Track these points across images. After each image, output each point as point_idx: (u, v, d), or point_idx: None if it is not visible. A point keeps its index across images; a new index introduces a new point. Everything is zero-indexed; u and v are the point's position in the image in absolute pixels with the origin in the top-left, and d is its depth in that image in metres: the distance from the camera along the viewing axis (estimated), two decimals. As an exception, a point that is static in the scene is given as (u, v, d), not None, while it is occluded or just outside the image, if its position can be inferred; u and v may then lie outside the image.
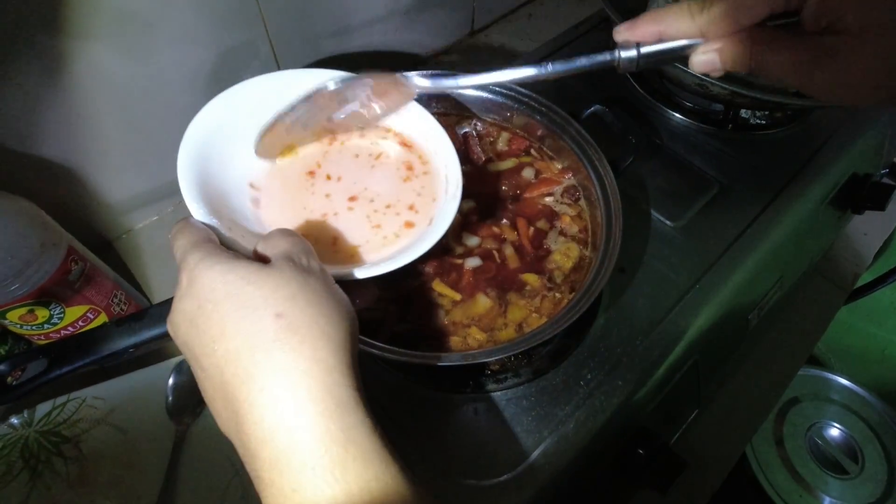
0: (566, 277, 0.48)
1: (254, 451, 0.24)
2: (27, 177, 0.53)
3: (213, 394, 0.26)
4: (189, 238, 0.29)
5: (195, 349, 0.26)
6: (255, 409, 0.24)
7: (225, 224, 0.34)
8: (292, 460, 0.23)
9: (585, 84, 0.70)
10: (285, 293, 0.26)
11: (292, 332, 0.25)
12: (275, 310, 0.25)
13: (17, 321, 0.46)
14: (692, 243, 0.57)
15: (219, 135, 0.39)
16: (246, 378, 0.24)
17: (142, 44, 0.53)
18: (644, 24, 0.33)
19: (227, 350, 0.25)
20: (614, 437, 0.48)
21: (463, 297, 0.46)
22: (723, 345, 0.59)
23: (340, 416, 0.24)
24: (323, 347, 0.25)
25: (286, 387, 0.24)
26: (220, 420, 0.26)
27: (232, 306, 0.25)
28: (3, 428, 0.51)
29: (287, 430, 0.23)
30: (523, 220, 0.50)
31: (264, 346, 0.24)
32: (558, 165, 0.54)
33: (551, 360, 0.48)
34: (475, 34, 0.92)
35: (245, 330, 0.25)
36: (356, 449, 0.24)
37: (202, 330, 0.25)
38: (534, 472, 0.44)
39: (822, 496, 0.95)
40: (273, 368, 0.24)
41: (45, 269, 0.44)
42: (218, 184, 0.38)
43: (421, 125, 0.44)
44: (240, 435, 0.24)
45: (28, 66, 0.47)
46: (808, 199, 0.62)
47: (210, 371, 0.25)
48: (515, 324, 0.45)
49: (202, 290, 0.26)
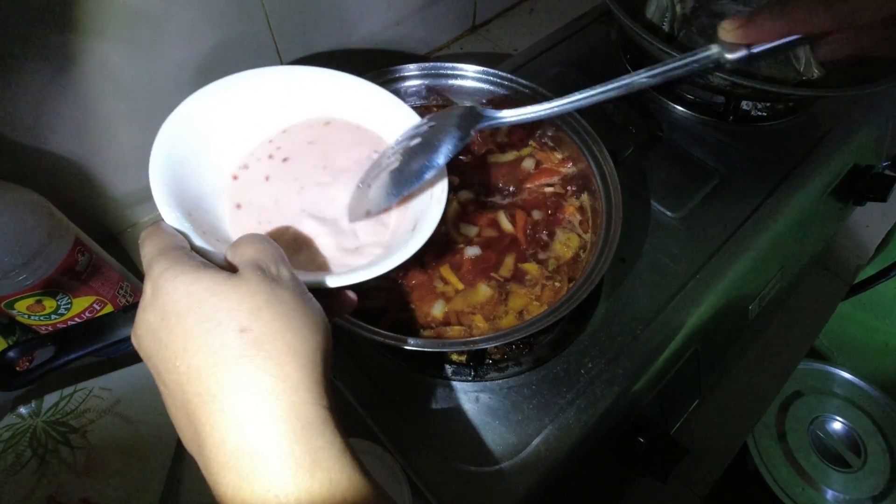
0: (566, 267, 0.48)
1: (216, 475, 0.23)
2: (36, 170, 0.54)
3: (176, 412, 0.25)
4: (157, 245, 0.28)
5: (158, 364, 0.25)
6: (217, 431, 0.23)
7: (199, 229, 0.32)
8: (255, 486, 0.22)
9: (586, 75, 0.70)
10: (250, 306, 0.25)
11: (257, 347, 0.24)
12: (239, 324, 0.24)
13: (26, 311, 0.47)
14: (693, 234, 0.57)
15: (195, 134, 0.38)
16: (208, 398, 0.23)
17: (149, 41, 0.53)
18: (763, 22, 0.30)
19: (188, 367, 0.24)
20: (615, 425, 0.48)
21: (464, 285, 0.47)
22: (723, 335, 0.59)
23: (307, 438, 0.23)
24: (289, 363, 0.24)
25: (249, 407, 0.23)
26: (184, 439, 0.25)
27: (195, 320, 0.24)
28: (12, 418, 0.52)
29: (249, 453, 0.22)
30: (521, 212, 0.51)
31: (227, 363, 0.23)
32: (558, 155, 0.54)
33: (552, 348, 0.49)
34: (476, 29, 0.92)
35: (208, 345, 0.24)
36: (323, 474, 0.22)
37: (164, 344, 0.24)
38: (534, 460, 0.44)
39: (824, 489, 0.95)
40: (235, 388, 0.23)
41: (53, 260, 0.45)
42: (193, 185, 0.36)
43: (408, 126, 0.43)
44: (202, 457, 0.23)
45: (40, 64, 0.48)
46: (809, 190, 0.62)
47: (172, 388, 0.24)
48: (516, 312, 0.46)
49: (166, 301, 0.25)
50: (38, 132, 0.52)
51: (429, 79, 0.54)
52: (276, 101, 0.42)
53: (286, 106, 0.43)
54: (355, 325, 0.41)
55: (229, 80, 0.40)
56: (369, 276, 0.33)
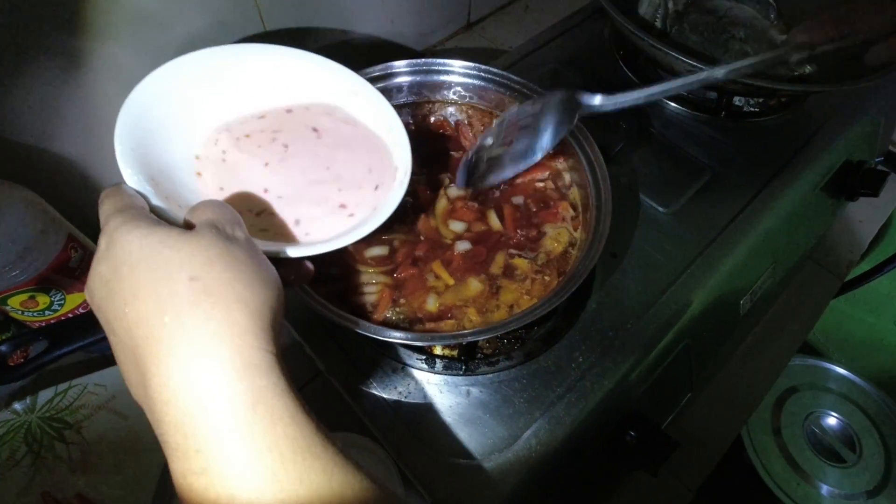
0: (555, 262, 0.48)
1: (159, 414, 0.23)
2: (31, 167, 0.54)
3: (124, 359, 0.25)
4: (115, 203, 0.29)
5: (108, 313, 0.25)
6: (161, 371, 0.23)
7: (161, 194, 0.33)
8: (197, 421, 0.22)
9: (579, 72, 0.70)
10: (202, 258, 0.25)
11: (206, 294, 0.24)
12: (189, 273, 0.25)
13: (19, 307, 0.47)
14: (684, 229, 0.57)
15: (166, 103, 0.38)
16: (154, 340, 0.23)
17: (155, 41, 0.54)
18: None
19: (137, 312, 0.24)
20: (605, 418, 0.48)
21: (455, 280, 0.47)
22: (715, 329, 0.59)
23: (250, 376, 0.23)
24: (237, 311, 0.25)
25: (194, 348, 0.23)
26: (131, 386, 0.25)
27: (146, 269, 0.25)
28: (7, 414, 0.52)
29: (192, 390, 0.23)
30: (509, 207, 0.51)
31: (175, 308, 0.24)
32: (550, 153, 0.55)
33: (543, 343, 0.49)
34: (471, 26, 0.92)
35: (157, 292, 0.24)
36: (264, 409, 0.23)
37: (115, 292, 0.25)
38: (525, 453, 0.44)
39: (819, 485, 0.95)
40: (181, 330, 0.23)
41: (46, 256, 0.45)
42: (160, 154, 0.37)
43: (380, 112, 0.44)
44: (147, 399, 0.24)
45: (46, 63, 0.48)
46: (801, 185, 0.63)
47: (121, 335, 0.25)
48: (507, 306, 0.46)
49: (119, 253, 0.25)
50: (40, 131, 0.52)
51: (420, 75, 0.55)
52: (251, 79, 0.43)
53: (262, 85, 0.43)
54: (346, 319, 0.41)
55: (211, 52, 0.41)
56: (323, 250, 0.35)
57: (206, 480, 0.22)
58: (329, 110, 0.44)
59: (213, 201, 0.30)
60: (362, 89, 0.45)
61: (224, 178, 0.39)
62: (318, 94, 0.44)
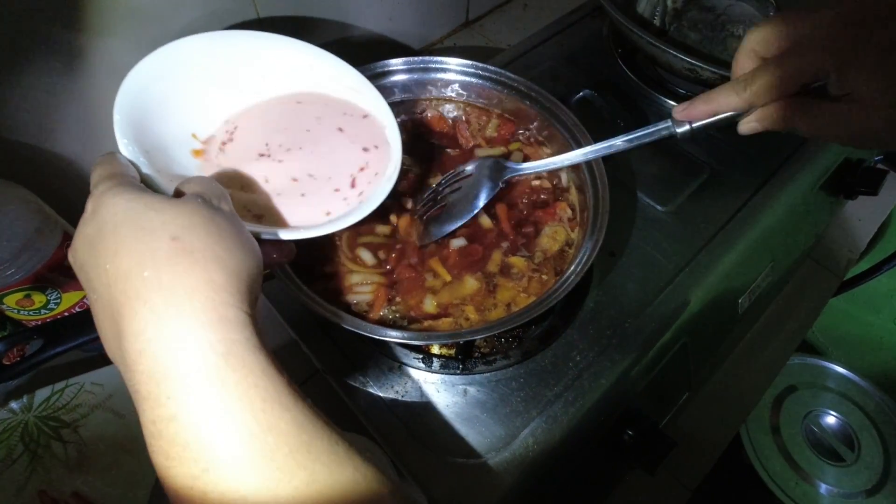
0: (552, 260, 0.48)
1: (132, 364, 0.23)
2: (27, 166, 0.54)
3: (102, 315, 0.26)
4: (106, 169, 0.30)
5: (90, 271, 0.26)
6: (137, 322, 0.24)
7: (154, 166, 0.34)
8: (169, 370, 0.23)
9: (577, 70, 0.70)
10: (186, 221, 0.26)
11: (185, 253, 0.25)
12: (171, 233, 0.25)
13: (15, 306, 0.47)
14: (682, 228, 0.57)
15: (170, 80, 0.40)
16: (133, 294, 0.24)
17: (154, 39, 0.53)
18: (698, 106, 0.39)
19: (117, 269, 0.25)
20: (603, 417, 0.48)
21: (452, 277, 0.47)
22: (713, 328, 0.59)
23: (223, 329, 0.24)
24: (215, 270, 0.25)
25: (169, 301, 0.24)
26: (107, 343, 0.26)
27: (130, 229, 0.25)
28: (3, 413, 0.52)
29: (165, 340, 0.23)
30: (503, 206, 0.51)
31: (154, 264, 0.24)
32: (547, 150, 0.54)
33: (541, 341, 0.49)
34: (470, 24, 0.92)
35: (138, 250, 0.25)
36: (236, 360, 0.24)
37: (98, 251, 0.26)
38: (523, 452, 0.44)
39: (818, 483, 0.95)
40: (159, 284, 0.24)
41: (41, 255, 0.45)
42: (157, 128, 0.38)
43: (378, 109, 0.45)
44: (121, 352, 0.24)
45: (48, 62, 0.48)
46: (800, 183, 0.62)
47: (100, 291, 0.25)
48: (504, 304, 0.46)
49: (105, 214, 0.26)
50: (37, 129, 0.52)
51: (417, 73, 0.54)
52: (256, 66, 0.44)
53: (266, 73, 0.45)
54: (342, 318, 0.41)
55: (216, 35, 0.43)
56: (309, 235, 0.36)
57: (175, 426, 0.23)
58: (330, 103, 0.45)
59: (203, 177, 0.32)
60: (362, 87, 0.46)
61: (221, 159, 0.41)
62: (320, 86, 0.46)
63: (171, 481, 0.23)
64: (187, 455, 0.22)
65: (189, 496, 0.22)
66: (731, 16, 0.70)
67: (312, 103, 0.45)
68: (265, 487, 0.22)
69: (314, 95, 0.45)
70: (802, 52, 0.35)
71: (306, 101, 0.45)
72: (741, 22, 0.69)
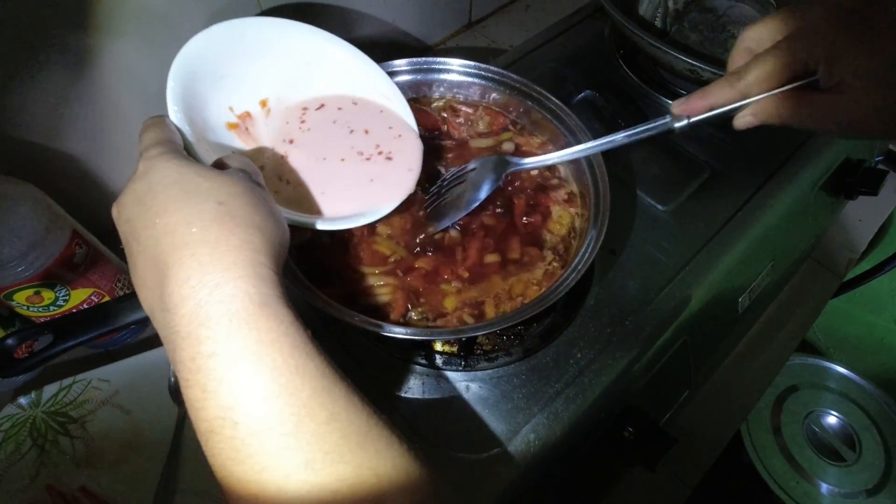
0: (562, 246, 0.49)
1: (175, 307, 0.26)
2: (37, 165, 0.55)
3: (144, 265, 0.28)
4: (158, 135, 0.33)
5: (137, 224, 0.28)
6: (183, 271, 0.26)
7: (195, 135, 0.37)
8: (210, 312, 0.25)
9: (579, 70, 0.70)
10: (230, 189, 0.29)
11: (230, 217, 0.28)
12: (217, 199, 0.28)
13: (24, 302, 0.47)
14: (683, 227, 0.57)
15: (220, 55, 0.43)
16: (180, 245, 0.27)
17: (163, 39, 0.54)
18: (695, 100, 0.40)
19: (166, 223, 0.27)
20: (604, 414, 0.49)
21: (468, 274, 0.47)
22: (713, 327, 0.60)
23: (259, 284, 0.27)
24: (254, 234, 0.28)
25: (214, 255, 0.26)
26: (145, 290, 0.28)
27: (181, 189, 0.28)
28: (12, 408, 0.53)
29: (209, 287, 0.26)
30: (515, 198, 0.51)
31: (202, 221, 0.27)
32: (538, 139, 0.55)
33: (542, 339, 0.49)
34: (473, 25, 0.92)
35: (187, 209, 0.28)
36: (269, 311, 0.26)
37: (148, 206, 0.28)
38: (524, 448, 0.45)
39: (819, 483, 0.96)
40: (205, 240, 0.27)
41: (51, 252, 0.46)
42: (201, 98, 0.41)
43: (406, 115, 0.50)
44: (162, 297, 0.26)
45: (58, 62, 0.49)
46: (800, 183, 0.63)
47: (146, 243, 0.28)
48: (518, 296, 0.46)
49: (157, 175, 0.29)
50: (47, 128, 0.53)
51: (420, 74, 0.55)
52: (302, 56, 0.48)
53: (310, 64, 0.49)
54: (344, 313, 0.42)
55: (271, 21, 0.46)
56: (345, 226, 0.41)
57: (213, 362, 0.25)
58: (363, 102, 0.50)
59: (242, 154, 0.35)
60: (394, 94, 0.50)
61: (251, 136, 0.45)
62: (356, 85, 0.50)
63: (204, 413, 0.25)
64: (222, 389, 0.24)
65: (220, 427, 0.24)
66: (731, 17, 0.70)
67: (348, 102, 0.49)
68: (290, 422, 0.24)
69: (352, 96, 0.50)
70: (792, 45, 0.36)
71: (343, 100, 0.49)
72: (741, 23, 0.70)
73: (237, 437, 0.24)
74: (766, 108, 0.38)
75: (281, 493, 0.24)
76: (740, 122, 0.40)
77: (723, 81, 0.39)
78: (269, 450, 0.24)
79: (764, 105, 0.38)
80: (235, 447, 0.24)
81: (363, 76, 0.50)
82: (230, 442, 0.24)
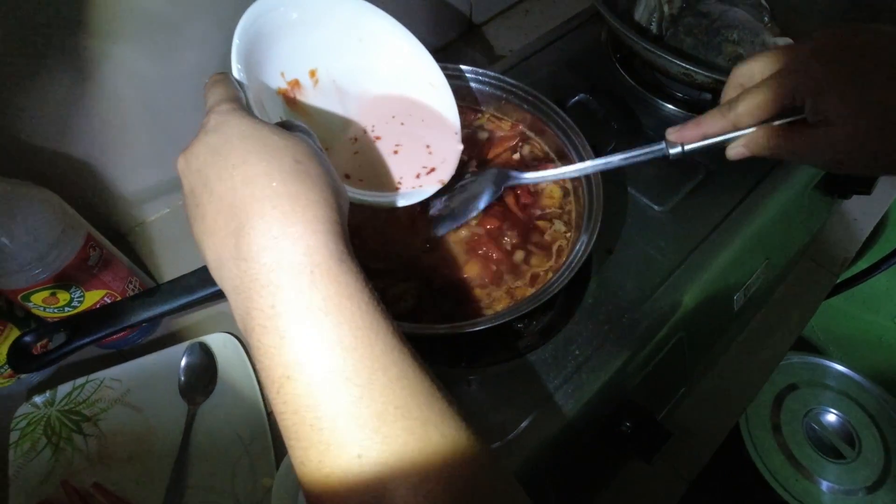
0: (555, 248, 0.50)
1: (254, 255, 0.26)
2: (51, 169, 0.56)
3: (216, 214, 0.28)
4: (225, 92, 0.34)
5: (211, 174, 0.29)
6: (264, 221, 0.27)
7: (254, 96, 0.38)
8: (293, 262, 0.26)
9: (576, 74, 0.72)
10: (304, 150, 0.30)
11: (307, 174, 0.29)
12: (294, 157, 0.29)
13: (41, 304, 0.49)
14: (678, 226, 0.59)
15: (280, 17, 0.44)
16: (262, 196, 0.27)
17: (167, 44, 0.56)
18: (689, 128, 0.42)
19: (245, 174, 0.28)
20: (601, 409, 0.50)
21: (487, 270, 0.49)
22: (709, 324, 0.61)
23: (335, 241, 0.28)
24: (329, 193, 0.29)
25: (295, 208, 0.27)
26: (215, 238, 0.28)
27: (259, 143, 0.29)
28: (28, 407, 0.54)
29: (292, 239, 0.26)
30: (510, 201, 0.53)
31: (282, 175, 0.28)
32: (508, 122, 0.58)
33: (541, 336, 0.51)
34: (473, 29, 0.94)
35: (268, 161, 0.28)
36: (346, 266, 0.27)
37: (224, 156, 0.29)
38: (522, 441, 0.46)
39: (818, 480, 0.96)
40: (287, 193, 0.27)
41: (66, 254, 0.47)
42: (260, 58, 0.42)
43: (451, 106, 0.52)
44: (238, 245, 0.27)
45: (64, 67, 0.50)
46: (793, 183, 0.64)
47: (221, 193, 0.28)
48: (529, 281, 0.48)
49: (232, 129, 0.30)
50: (58, 134, 0.54)
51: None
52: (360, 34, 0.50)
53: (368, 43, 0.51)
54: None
55: None
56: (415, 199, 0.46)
57: (294, 309, 0.26)
58: (412, 95, 0.52)
59: (303, 124, 0.35)
60: (441, 83, 0.52)
61: (301, 103, 0.46)
62: (405, 72, 0.52)
63: (279, 358, 0.25)
64: (302, 336, 0.25)
65: (297, 373, 0.25)
66: (725, 21, 0.72)
67: (397, 94, 0.52)
68: (364, 375, 0.25)
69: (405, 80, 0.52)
70: (781, 79, 0.37)
71: (390, 90, 0.51)
72: (735, 27, 0.71)
73: (312, 383, 0.25)
74: (757, 140, 0.39)
75: (353, 442, 0.24)
76: (733, 153, 0.41)
77: (715, 111, 0.41)
78: (342, 399, 0.24)
79: (755, 137, 0.39)
80: (311, 393, 0.25)
81: (415, 64, 0.52)
82: (306, 388, 0.25)
